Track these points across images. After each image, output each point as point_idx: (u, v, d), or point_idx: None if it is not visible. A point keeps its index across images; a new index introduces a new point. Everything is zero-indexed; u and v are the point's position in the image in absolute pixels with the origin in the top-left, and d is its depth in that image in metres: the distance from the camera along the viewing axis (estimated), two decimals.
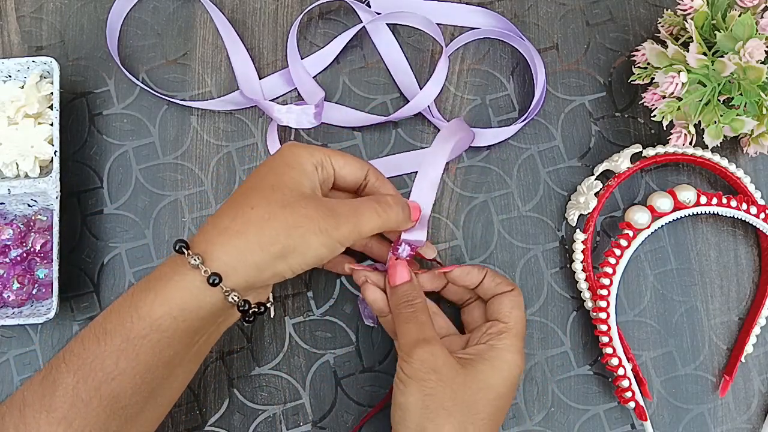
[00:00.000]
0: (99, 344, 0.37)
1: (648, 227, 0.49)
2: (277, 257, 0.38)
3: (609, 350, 0.48)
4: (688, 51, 0.45)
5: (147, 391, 0.38)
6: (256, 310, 0.41)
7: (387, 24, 0.54)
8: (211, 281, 0.37)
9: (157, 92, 0.53)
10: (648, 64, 0.49)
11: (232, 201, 0.41)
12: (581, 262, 0.50)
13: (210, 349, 0.42)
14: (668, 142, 0.49)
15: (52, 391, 0.36)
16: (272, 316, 0.46)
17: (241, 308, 0.39)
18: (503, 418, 0.42)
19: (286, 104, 0.53)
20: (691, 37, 0.46)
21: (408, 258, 0.45)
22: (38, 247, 0.49)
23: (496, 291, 0.44)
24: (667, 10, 0.50)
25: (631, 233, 0.49)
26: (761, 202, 0.50)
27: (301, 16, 0.54)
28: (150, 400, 0.38)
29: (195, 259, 0.37)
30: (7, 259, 0.49)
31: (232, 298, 0.38)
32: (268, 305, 0.43)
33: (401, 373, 0.41)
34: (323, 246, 0.39)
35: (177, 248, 0.38)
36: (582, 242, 0.50)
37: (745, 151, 0.50)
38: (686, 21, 0.46)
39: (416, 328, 0.42)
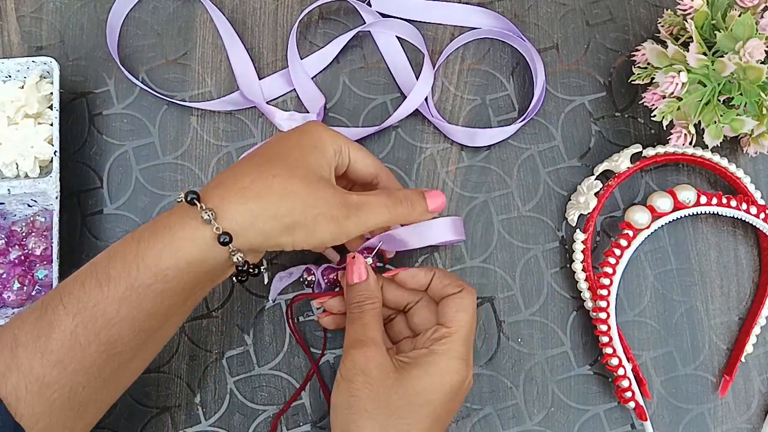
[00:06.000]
0: (101, 289, 0.36)
1: (648, 227, 0.49)
2: (285, 229, 0.38)
3: (609, 350, 0.48)
4: (688, 51, 0.45)
5: (142, 339, 0.38)
6: (251, 271, 0.41)
7: None
8: (221, 240, 0.37)
9: (157, 92, 0.53)
10: (648, 64, 0.49)
11: (252, 163, 0.40)
12: (581, 262, 0.50)
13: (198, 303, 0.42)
14: (668, 142, 0.49)
15: (48, 333, 0.35)
16: (266, 282, 0.46)
17: (241, 268, 0.39)
18: (441, 427, 0.41)
19: (286, 105, 0.53)
20: (691, 37, 0.46)
21: (373, 266, 0.45)
22: (38, 248, 0.49)
23: (444, 293, 0.43)
24: (667, 10, 0.50)
25: (631, 233, 0.49)
26: (761, 202, 0.50)
27: (302, 16, 0.54)
28: (143, 347, 0.38)
29: (208, 214, 0.37)
30: (7, 260, 0.49)
31: (237, 258, 0.38)
32: (263, 270, 0.43)
33: (337, 374, 0.41)
34: (329, 233, 0.40)
35: (189, 199, 0.37)
36: (582, 242, 0.50)
37: (745, 151, 0.50)
38: (686, 21, 0.46)
39: (357, 329, 0.42)
